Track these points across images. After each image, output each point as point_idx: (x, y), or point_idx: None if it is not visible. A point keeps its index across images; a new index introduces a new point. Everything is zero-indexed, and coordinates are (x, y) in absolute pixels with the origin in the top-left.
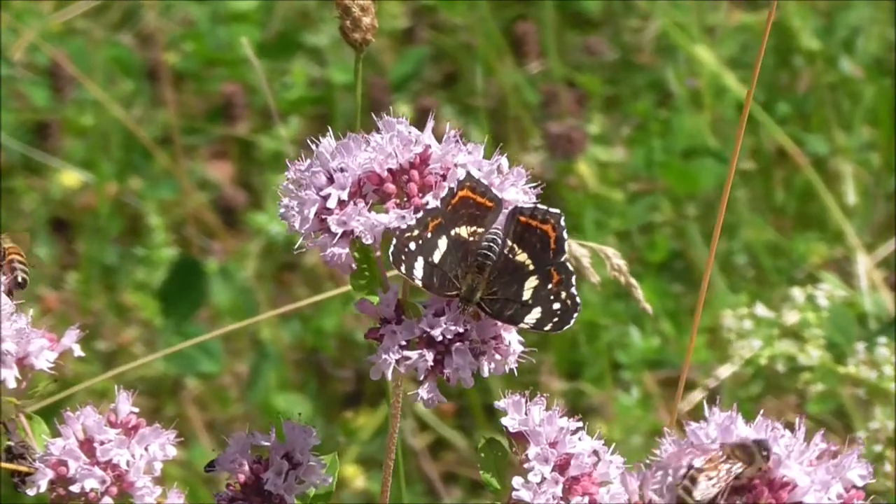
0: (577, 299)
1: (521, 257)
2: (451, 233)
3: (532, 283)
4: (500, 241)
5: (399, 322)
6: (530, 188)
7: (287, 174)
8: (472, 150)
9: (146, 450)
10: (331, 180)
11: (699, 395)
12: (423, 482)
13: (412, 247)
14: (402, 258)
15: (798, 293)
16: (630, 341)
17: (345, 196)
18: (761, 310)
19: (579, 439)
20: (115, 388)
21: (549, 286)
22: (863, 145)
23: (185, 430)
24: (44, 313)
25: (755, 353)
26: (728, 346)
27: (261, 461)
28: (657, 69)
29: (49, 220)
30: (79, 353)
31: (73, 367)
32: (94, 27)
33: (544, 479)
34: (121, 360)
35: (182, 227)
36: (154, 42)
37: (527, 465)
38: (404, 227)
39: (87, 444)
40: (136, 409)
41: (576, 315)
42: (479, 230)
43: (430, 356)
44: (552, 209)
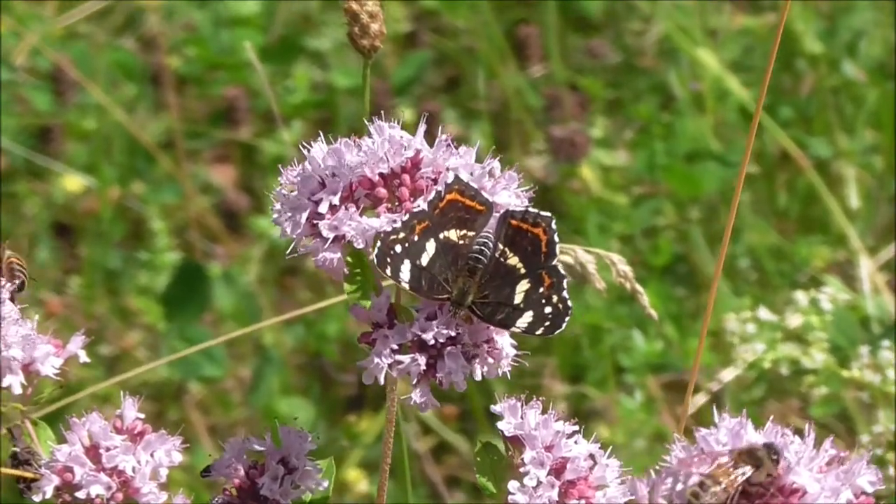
0: (569, 303)
1: (513, 261)
2: (440, 236)
3: (523, 286)
4: (491, 245)
5: (391, 326)
6: (523, 191)
7: (280, 179)
8: (464, 154)
9: (152, 456)
10: (322, 185)
11: (702, 398)
12: (427, 485)
13: (398, 249)
14: (388, 261)
15: (801, 296)
16: (633, 345)
17: (336, 201)
18: (764, 313)
19: (575, 443)
20: (120, 393)
21: (541, 290)
22: (866, 149)
23: (188, 434)
24: (47, 318)
25: (759, 357)
26: (731, 350)
27: (257, 466)
28: (660, 72)
29: (52, 224)
30: (84, 359)
31: (76, 372)
32: (97, 31)
33: (540, 482)
34: (124, 364)
35: (185, 232)
36: (156, 46)
37: (522, 469)
38: (389, 230)
39: (93, 451)
40: (142, 415)
41: (567, 319)
42: (470, 234)
43: (422, 360)
44: (543, 212)
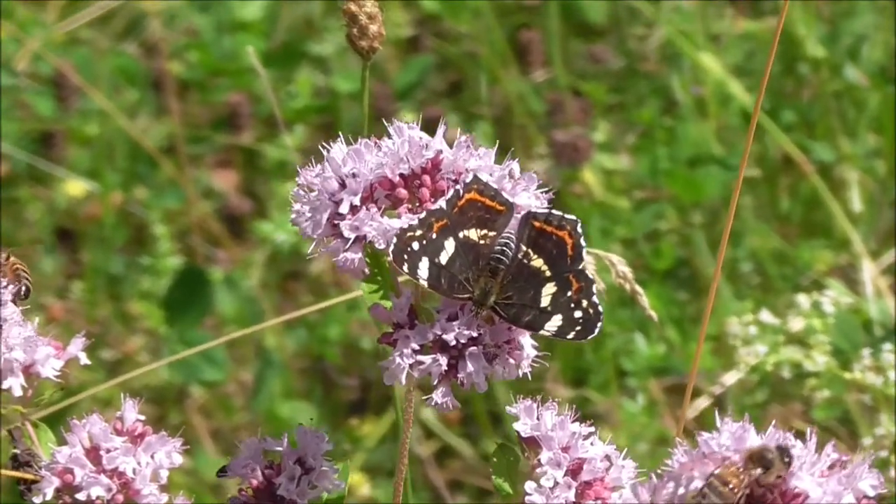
0: (600, 308)
1: (537, 263)
2: (459, 235)
3: (550, 289)
4: (513, 246)
5: (412, 327)
6: (542, 193)
7: (298, 180)
8: (483, 156)
9: (152, 457)
10: (343, 186)
11: (704, 402)
12: (430, 490)
13: (415, 246)
14: (405, 257)
15: (804, 300)
16: (635, 348)
17: (357, 201)
18: (767, 316)
19: (591, 444)
20: (121, 395)
21: (569, 293)
22: (868, 153)
23: (189, 438)
24: (49, 322)
25: (761, 360)
26: (733, 353)
27: (273, 466)
28: (662, 77)
29: (54, 229)
30: (85, 361)
31: (77, 376)
32: (99, 37)
33: (557, 483)
34: (126, 368)
35: (187, 236)
36: (158, 52)
37: (539, 470)
38: (406, 227)
39: (94, 452)
40: (143, 417)
41: (599, 325)
42: (490, 234)
43: (443, 360)
44: (568, 215)
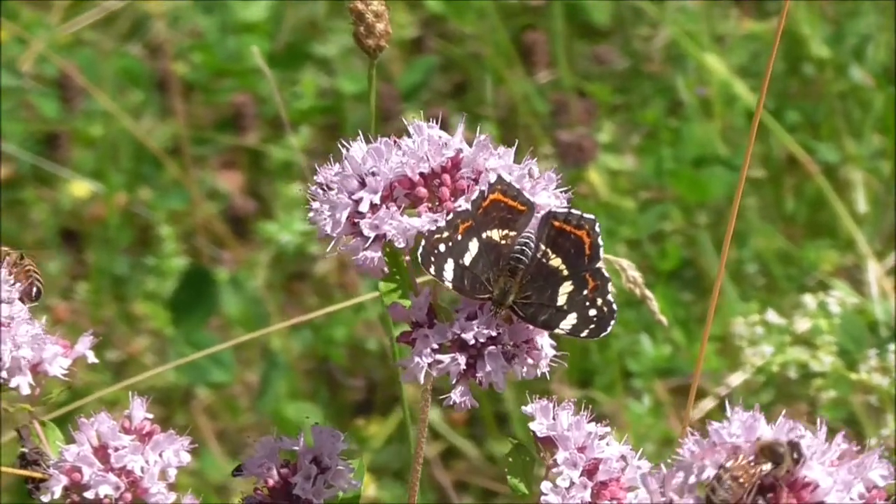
0: (614, 306)
1: (555, 262)
2: (483, 236)
3: (567, 288)
4: (532, 245)
5: (431, 326)
6: (561, 192)
7: (316, 178)
8: (503, 155)
9: (160, 456)
10: (363, 184)
11: (710, 403)
12: (436, 490)
13: (441, 248)
14: (432, 260)
15: (810, 300)
16: (641, 349)
17: (377, 200)
18: (773, 316)
19: (607, 444)
20: (128, 397)
21: (585, 292)
22: (873, 153)
23: (195, 439)
24: (54, 323)
25: (767, 360)
26: (739, 354)
27: (288, 465)
28: (667, 78)
29: (59, 230)
30: (92, 359)
31: (83, 377)
32: (103, 38)
33: (573, 483)
34: (131, 369)
35: (192, 237)
36: (163, 53)
37: (555, 470)
38: (433, 229)
39: (102, 451)
40: (150, 416)
41: (612, 322)
42: (511, 233)
43: (462, 360)
44: (587, 215)
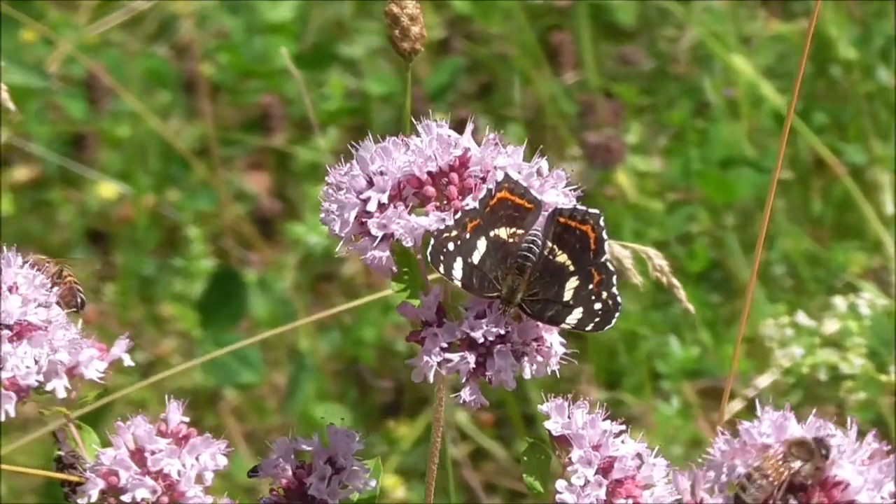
0: (618, 299)
1: (562, 258)
2: (491, 234)
3: (573, 283)
4: (540, 243)
5: (440, 325)
6: (571, 191)
7: (328, 179)
8: (512, 153)
9: (197, 459)
10: (370, 184)
11: (738, 404)
12: (465, 491)
13: (450, 247)
14: (441, 258)
15: (840, 302)
16: (669, 351)
17: (385, 199)
18: (803, 318)
19: (622, 442)
20: (154, 399)
21: (590, 286)
22: None
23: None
24: (83, 325)
25: (797, 362)
26: (769, 355)
27: (304, 466)
28: (693, 79)
29: (86, 231)
30: (129, 362)
31: (110, 378)
32: (130, 39)
33: (588, 481)
34: (159, 371)
35: (219, 239)
36: (190, 53)
37: (570, 468)
38: (442, 228)
39: (138, 454)
40: (187, 419)
41: (617, 315)
42: (519, 231)
43: (471, 358)
44: (591, 209)
